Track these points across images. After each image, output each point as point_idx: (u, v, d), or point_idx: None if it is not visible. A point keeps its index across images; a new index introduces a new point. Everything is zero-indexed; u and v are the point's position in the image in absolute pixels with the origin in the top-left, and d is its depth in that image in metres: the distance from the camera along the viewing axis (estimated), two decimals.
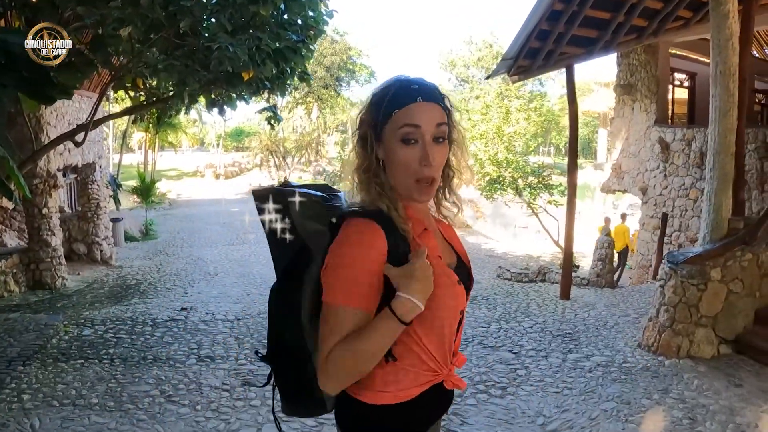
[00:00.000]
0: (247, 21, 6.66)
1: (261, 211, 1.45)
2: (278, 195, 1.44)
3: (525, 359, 5.45)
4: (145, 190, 21.70)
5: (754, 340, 5.27)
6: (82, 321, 7.07)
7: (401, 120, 1.31)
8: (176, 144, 40.95)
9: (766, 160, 7.98)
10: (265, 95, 8.46)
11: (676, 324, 5.22)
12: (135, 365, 5.36)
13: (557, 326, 6.68)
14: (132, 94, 9.30)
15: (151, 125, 28.29)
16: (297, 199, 1.41)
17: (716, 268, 5.20)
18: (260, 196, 1.45)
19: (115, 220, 16.01)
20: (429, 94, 1.35)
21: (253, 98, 8.71)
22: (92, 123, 8.15)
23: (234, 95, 7.79)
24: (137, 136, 35.52)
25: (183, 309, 7.92)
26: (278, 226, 1.44)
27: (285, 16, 7.02)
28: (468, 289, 1.45)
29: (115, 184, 19.95)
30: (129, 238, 17.95)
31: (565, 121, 37.98)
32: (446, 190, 1.48)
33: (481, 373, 5.04)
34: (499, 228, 24.11)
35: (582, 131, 49.27)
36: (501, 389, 4.67)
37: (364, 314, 1.26)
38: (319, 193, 1.47)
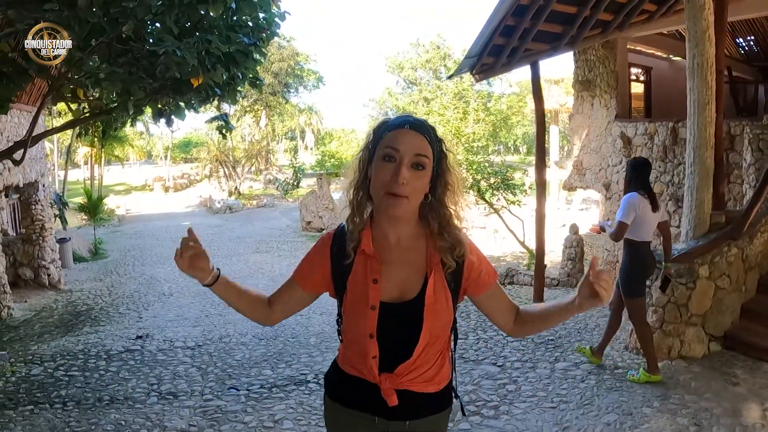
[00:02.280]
0: (195, 23, 6.24)
1: None
2: None
3: (512, 372, 5.16)
4: (93, 208, 20.72)
5: (743, 335, 5.15)
6: (30, 357, 6.57)
7: (387, 141, 1.54)
8: (122, 158, 39.63)
9: (732, 152, 7.94)
10: (215, 103, 7.99)
11: (666, 325, 5.03)
12: (90, 408, 4.89)
13: (537, 333, 6.40)
14: (73, 106, 8.71)
15: (96, 139, 27.24)
16: None
17: (704, 266, 5.03)
18: None
19: (62, 241, 15.19)
20: (419, 126, 1.57)
21: (203, 107, 8.23)
22: (31, 139, 7.55)
23: (182, 104, 7.31)
24: (83, 150, 34.09)
25: (138, 337, 7.42)
26: None
27: (235, 18, 6.62)
28: (407, 321, 1.59)
29: (60, 202, 18.97)
30: (78, 258, 17.06)
31: (514, 119, 38.55)
32: (444, 227, 1.63)
33: (468, 391, 4.71)
34: None
35: (530, 128, 49.96)
36: (493, 408, 4.36)
37: (295, 287, 1.77)
38: None
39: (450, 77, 15.37)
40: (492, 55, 7.93)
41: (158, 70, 5.73)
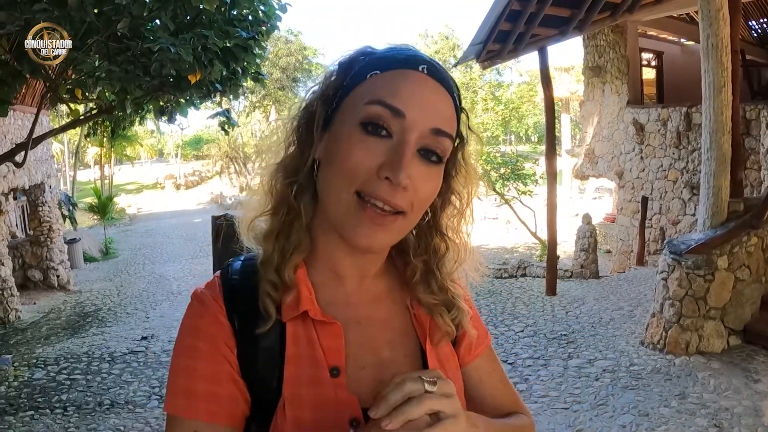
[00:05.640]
0: (193, 19, 6.12)
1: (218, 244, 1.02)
2: (230, 223, 0.95)
3: (523, 370, 4.99)
4: (102, 207, 20.71)
5: (763, 328, 4.93)
6: (35, 361, 6.57)
7: (376, 90, 0.74)
8: (133, 156, 39.74)
9: (747, 137, 7.69)
10: (217, 99, 7.88)
11: (684, 319, 4.82)
12: (90, 413, 4.86)
13: (550, 327, 6.24)
14: (73, 106, 8.63)
15: (105, 138, 27.24)
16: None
17: (723, 256, 4.82)
18: (216, 222, 1.04)
19: (72, 241, 15.21)
20: (440, 72, 0.77)
21: (205, 103, 8.13)
22: (31, 141, 7.50)
23: (182, 101, 7.20)
24: (93, 150, 34.21)
25: (143, 338, 7.39)
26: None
27: (234, 12, 6.50)
28: None
29: (69, 203, 18.99)
30: (88, 258, 17.06)
31: (525, 109, 38.16)
32: (433, 270, 0.87)
33: None
34: None
35: (541, 117, 49.38)
36: None
37: (213, 428, 0.76)
38: None
39: (456, 65, 15.14)
40: (498, 41, 7.69)
41: (153, 68, 5.63)
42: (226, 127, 8.04)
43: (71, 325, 9.12)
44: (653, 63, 11.76)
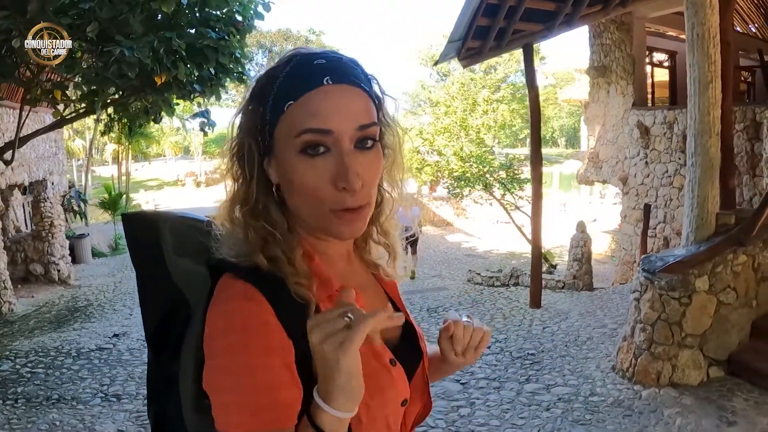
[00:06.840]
0: (168, 20, 6.01)
1: (130, 244, 0.99)
2: (147, 220, 0.99)
3: (473, 392, 4.61)
4: (113, 203, 20.78)
5: (751, 359, 4.41)
6: (7, 353, 6.64)
7: (299, 120, 0.81)
8: (151, 153, 40.11)
9: (757, 141, 7.16)
10: (198, 99, 7.72)
11: (655, 346, 4.36)
12: (36, 407, 4.92)
13: (519, 344, 5.82)
14: (72, 107, 8.63)
15: (123, 136, 27.43)
16: (169, 224, 0.95)
17: (702, 277, 4.31)
18: (129, 220, 1.00)
19: (80, 237, 15.44)
20: (343, 73, 0.83)
21: (184, 102, 8.03)
22: (19, 140, 7.56)
23: (161, 101, 7.08)
24: (111, 147, 34.57)
25: (115, 335, 7.35)
26: (146, 265, 0.97)
27: (206, 11, 6.33)
28: (414, 366, 0.97)
29: (80, 199, 19.14)
30: (97, 254, 17.16)
31: (549, 111, 37.41)
32: (374, 225, 0.99)
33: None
34: (482, 224, 23.15)
35: (567, 120, 48.67)
36: None
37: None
38: (203, 217, 0.99)
39: (435, 64, 14.71)
40: (477, 38, 7.24)
41: (111, 71, 5.51)
42: (205, 128, 7.85)
43: (59, 319, 9.13)
44: (666, 63, 11.19)
